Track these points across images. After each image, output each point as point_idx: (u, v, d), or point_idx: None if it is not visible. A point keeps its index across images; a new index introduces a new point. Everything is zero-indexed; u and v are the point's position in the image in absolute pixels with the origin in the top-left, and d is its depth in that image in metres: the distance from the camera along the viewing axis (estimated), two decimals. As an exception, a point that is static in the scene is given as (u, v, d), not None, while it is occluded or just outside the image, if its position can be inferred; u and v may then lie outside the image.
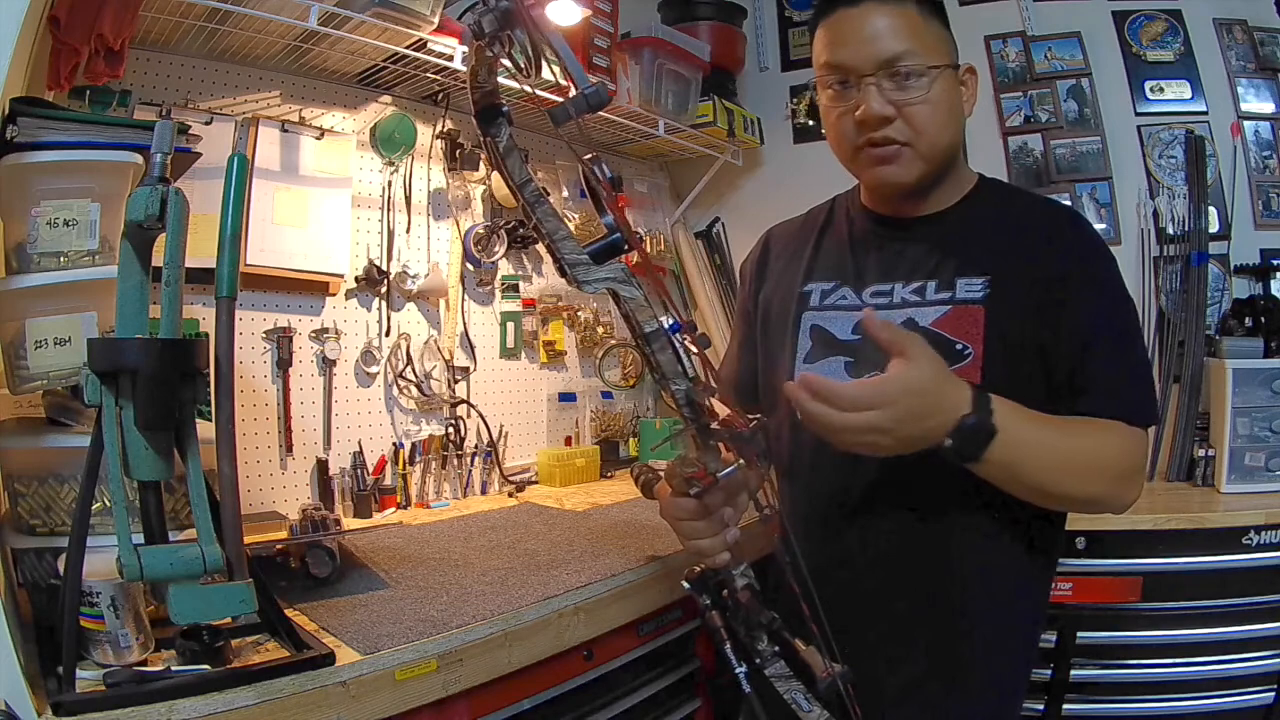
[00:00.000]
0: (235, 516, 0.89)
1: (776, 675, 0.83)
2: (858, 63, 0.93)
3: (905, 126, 0.94)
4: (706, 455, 0.82)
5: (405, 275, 1.87)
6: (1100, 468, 0.89)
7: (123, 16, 1.13)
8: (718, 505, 0.89)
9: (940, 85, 0.93)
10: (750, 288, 1.19)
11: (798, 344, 1.07)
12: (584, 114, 0.69)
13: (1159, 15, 2.16)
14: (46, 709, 0.77)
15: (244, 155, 1.31)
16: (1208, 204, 2.06)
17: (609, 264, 0.76)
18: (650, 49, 2.08)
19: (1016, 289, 0.93)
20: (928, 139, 0.94)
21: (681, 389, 0.78)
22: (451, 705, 1.01)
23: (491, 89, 0.73)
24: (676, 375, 0.78)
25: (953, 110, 0.96)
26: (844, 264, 1.07)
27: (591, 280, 0.74)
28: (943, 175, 1.00)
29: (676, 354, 0.78)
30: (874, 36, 0.92)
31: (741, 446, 0.80)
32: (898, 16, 0.92)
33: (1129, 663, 1.66)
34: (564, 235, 0.74)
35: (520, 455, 2.14)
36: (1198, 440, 1.96)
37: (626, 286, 0.76)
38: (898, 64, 0.91)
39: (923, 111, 0.93)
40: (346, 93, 1.82)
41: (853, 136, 0.97)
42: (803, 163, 2.50)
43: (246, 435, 1.62)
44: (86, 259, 0.99)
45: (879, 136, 0.94)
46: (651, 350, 0.78)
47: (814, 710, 0.81)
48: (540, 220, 0.74)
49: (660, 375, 0.79)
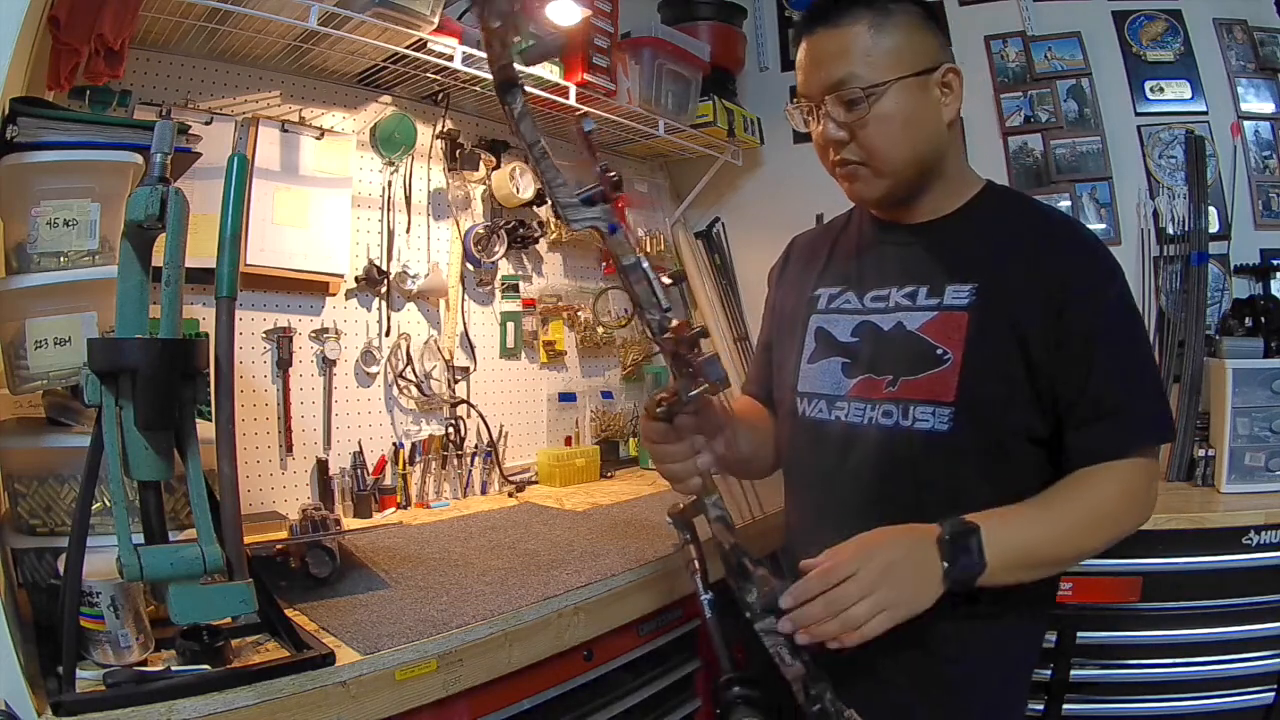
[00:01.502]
0: (235, 516, 0.89)
1: (764, 630, 0.87)
2: (810, 90, 0.99)
3: (858, 147, 0.97)
4: (680, 382, 0.88)
5: (405, 275, 1.87)
6: (1108, 523, 0.92)
7: (123, 16, 1.13)
8: (689, 429, 0.92)
9: (890, 100, 0.94)
10: (772, 292, 1.25)
11: (803, 345, 1.10)
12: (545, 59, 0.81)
13: (1159, 15, 2.16)
14: (46, 709, 0.77)
15: (244, 155, 1.31)
16: (1208, 204, 2.06)
17: (596, 207, 0.84)
18: (650, 49, 2.08)
19: (1006, 297, 0.93)
20: (880, 156, 0.97)
21: (655, 318, 0.85)
22: (451, 705, 1.01)
23: (507, 63, 0.81)
24: (650, 305, 0.85)
25: (910, 122, 0.96)
26: (849, 269, 1.10)
27: (579, 219, 0.84)
28: (927, 183, 1.01)
29: (651, 285, 0.85)
30: (820, 63, 0.97)
31: (699, 370, 0.85)
32: (844, 37, 0.95)
33: (1129, 663, 1.66)
34: (560, 183, 0.84)
35: (520, 455, 2.14)
36: (1198, 440, 1.96)
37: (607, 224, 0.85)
38: (840, 89, 0.95)
39: (869, 132, 0.95)
40: (346, 93, 1.82)
41: (825, 157, 1.02)
42: (803, 163, 2.49)
43: (246, 435, 1.62)
44: (86, 259, 0.99)
45: (837, 159, 1.00)
46: (630, 281, 0.86)
47: (795, 664, 0.85)
48: (543, 170, 0.84)
49: (638, 305, 0.87)
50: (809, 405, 1.07)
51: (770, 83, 2.62)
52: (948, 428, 0.93)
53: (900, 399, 0.97)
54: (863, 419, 1.00)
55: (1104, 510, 0.92)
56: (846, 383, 1.03)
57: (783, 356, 1.15)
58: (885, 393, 0.98)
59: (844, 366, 1.04)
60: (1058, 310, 0.91)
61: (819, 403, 1.06)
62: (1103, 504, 0.91)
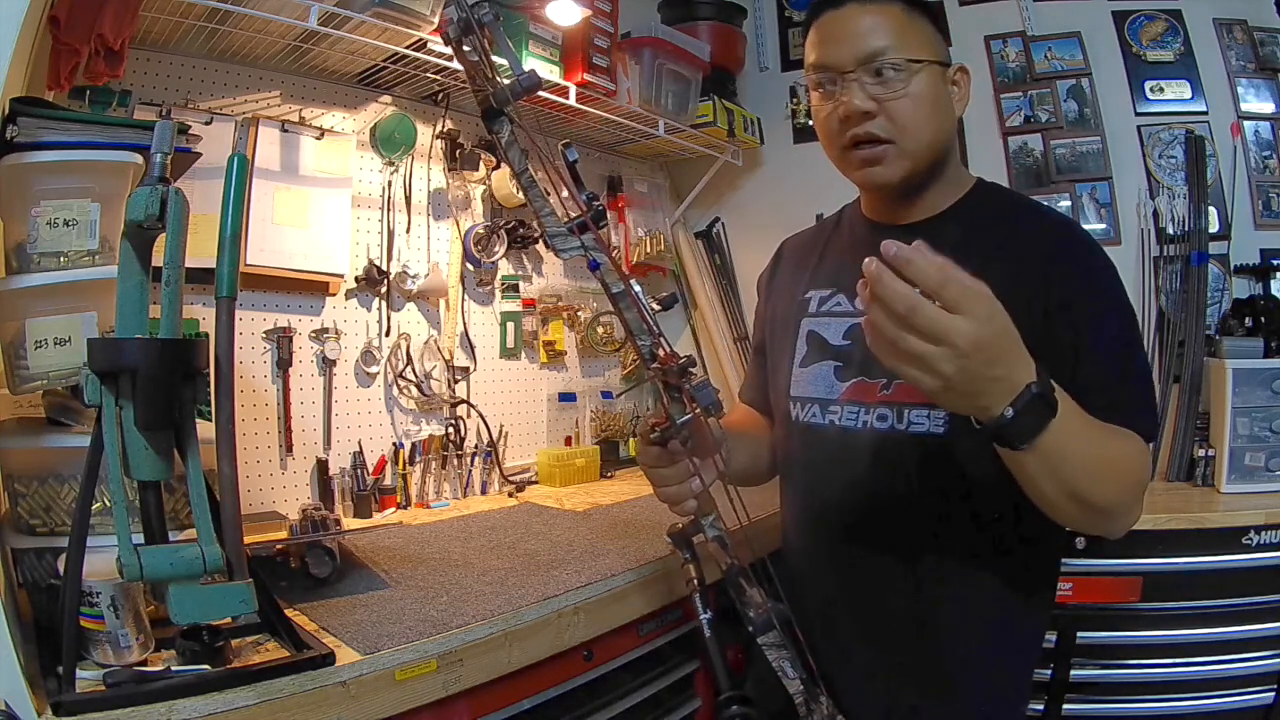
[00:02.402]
0: (235, 516, 0.89)
1: (767, 644, 0.87)
2: (840, 60, 0.95)
3: (887, 122, 0.94)
4: (672, 407, 0.88)
5: (405, 275, 1.87)
6: (1126, 473, 0.85)
7: (123, 16, 1.13)
8: (681, 453, 0.92)
9: (923, 80, 0.93)
10: (763, 296, 1.24)
11: (795, 349, 1.09)
12: (520, 97, 0.84)
13: (1159, 15, 2.16)
14: (46, 709, 0.76)
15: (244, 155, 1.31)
16: (1208, 204, 2.06)
17: (584, 236, 0.86)
18: (650, 49, 2.07)
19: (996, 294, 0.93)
20: (910, 134, 0.94)
21: (646, 344, 0.86)
22: (451, 705, 1.01)
23: (491, 93, 0.83)
24: (641, 331, 0.86)
25: (937, 106, 0.96)
26: (841, 271, 1.08)
27: (567, 249, 0.86)
28: (932, 177, 1.00)
29: (641, 312, 0.86)
30: (856, 34, 0.94)
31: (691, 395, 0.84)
32: (880, 14, 0.94)
33: (1129, 663, 1.66)
34: (548, 212, 0.86)
35: (520, 455, 2.14)
36: (1198, 440, 1.96)
37: (596, 254, 0.86)
38: (878, 59, 0.92)
39: (904, 106, 0.93)
40: (346, 93, 1.82)
41: (839, 136, 0.98)
42: (803, 163, 2.50)
43: (246, 435, 1.62)
44: (86, 259, 0.99)
45: (862, 134, 0.95)
46: (620, 309, 0.87)
47: (795, 679, 0.86)
48: (531, 199, 0.86)
49: (629, 331, 0.88)
50: (802, 410, 1.06)
51: (770, 83, 2.62)
52: (943, 430, 0.93)
53: (895, 402, 0.97)
54: (856, 423, 1.00)
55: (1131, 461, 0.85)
56: (839, 386, 1.02)
57: (775, 361, 1.14)
58: (880, 396, 0.98)
59: (836, 370, 1.03)
60: (1044, 308, 0.90)
61: (812, 407, 1.05)
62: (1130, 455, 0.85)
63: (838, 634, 1.02)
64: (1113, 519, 0.86)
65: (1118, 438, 0.86)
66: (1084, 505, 0.80)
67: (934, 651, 0.96)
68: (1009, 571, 0.96)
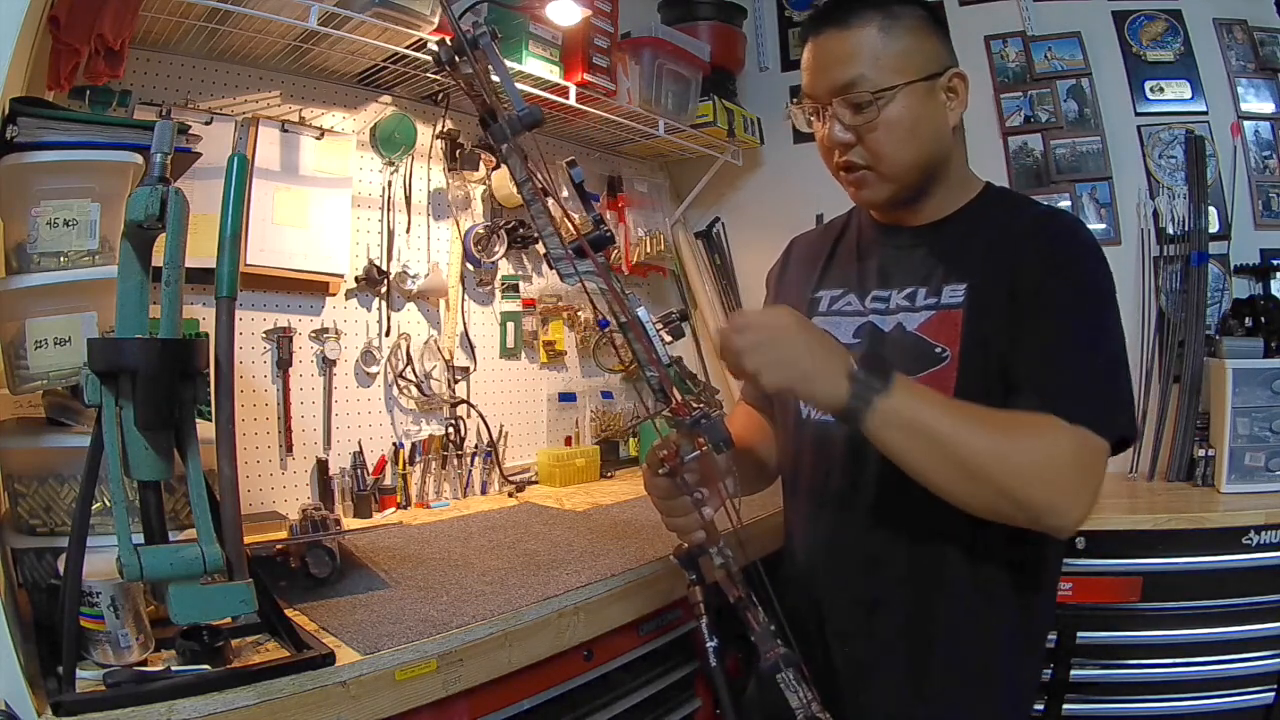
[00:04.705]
0: (235, 516, 0.89)
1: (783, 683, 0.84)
2: (817, 92, 0.98)
3: (865, 150, 0.96)
4: (681, 439, 0.87)
5: (405, 275, 1.87)
6: (1009, 438, 0.81)
7: (123, 16, 1.13)
8: (691, 485, 0.90)
9: (899, 105, 0.93)
10: (771, 294, 1.23)
11: None
12: (519, 134, 0.80)
13: (1159, 15, 2.16)
14: (46, 709, 0.77)
15: (244, 155, 1.31)
16: (1208, 204, 2.06)
17: (587, 260, 0.84)
18: (650, 49, 2.08)
19: (994, 294, 0.93)
20: (887, 161, 0.96)
21: (653, 375, 0.84)
22: (451, 705, 1.01)
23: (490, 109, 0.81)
24: (647, 363, 0.84)
25: (917, 126, 0.95)
26: (850, 271, 1.09)
27: (569, 274, 0.83)
28: (929, 187, 1.01)
29: (648, 342, 0.84)
30: (831, 64, 0.95)
31: (701, 432, 0.83)
32: (853, 41, 0.94)
33: (1129, 663, 1.66)
34: (550, 232, 0.83)
35: (520, 455, 2.14)
36: (1198, 440, 1.96)
37: (600, 280, 0.84)
38: (851, 90, 0.94)
39: (878, 136, 0.94)
40: (346, 93, 1.82)
41: (829, 158, 1.01)
42: (803, 163, 2.50)
43: (246, 435, 1.62)
44: (86, 259, 0.99)
45: (843, 161, 0.98)
46: (630, 339, 0.85)
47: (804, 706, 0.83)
48: (534, 218, 0.83)
49: (637, 361, 0.86)
50: (812, 408, 1.07)
51: (770, 83, 2.62)
52: None
53: None
54: None
55: (1014, 431, 0.82)
56: None
57: None
58: None
59: None
60: (1009, 291, 0.90)
61: None
62: (1015, 428, 0.83)
63: (842, 632, 1.02)
64: (1020, 513, 0.82)
65: (1004, 414, 0.84)
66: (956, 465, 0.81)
67: (940, 652, 0.96)
68: (1015, 571, 0.96)
